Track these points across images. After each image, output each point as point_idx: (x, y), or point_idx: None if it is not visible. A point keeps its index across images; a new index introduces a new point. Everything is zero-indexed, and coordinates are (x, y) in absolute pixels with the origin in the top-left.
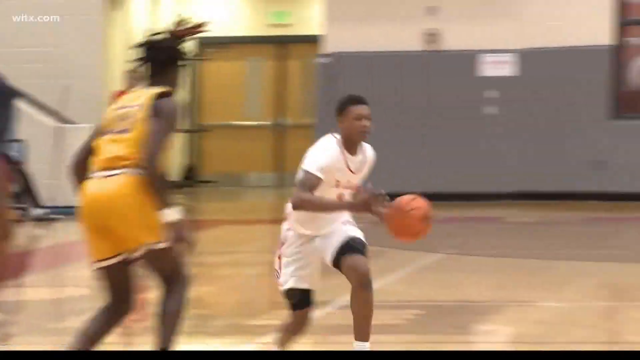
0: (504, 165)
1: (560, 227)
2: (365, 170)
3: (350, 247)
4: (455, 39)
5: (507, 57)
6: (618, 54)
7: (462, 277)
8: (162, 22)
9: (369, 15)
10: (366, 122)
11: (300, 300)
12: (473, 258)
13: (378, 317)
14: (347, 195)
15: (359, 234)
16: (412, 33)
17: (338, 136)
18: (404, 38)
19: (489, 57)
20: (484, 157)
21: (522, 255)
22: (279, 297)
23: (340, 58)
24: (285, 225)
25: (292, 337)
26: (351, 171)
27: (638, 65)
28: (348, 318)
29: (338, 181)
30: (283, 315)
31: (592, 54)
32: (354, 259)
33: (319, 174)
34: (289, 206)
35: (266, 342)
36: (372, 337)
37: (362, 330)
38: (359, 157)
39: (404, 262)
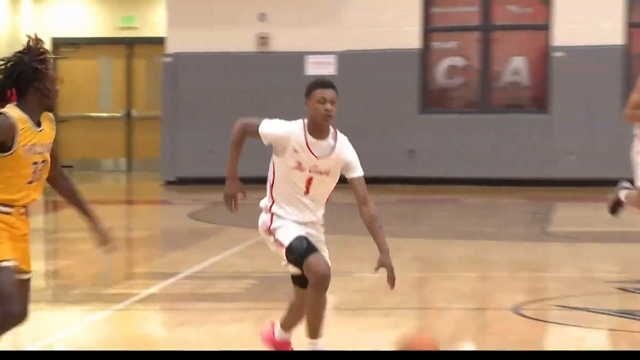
0: None
1: (377, 207)
2: (336, 159)
3: None
4: (283, 42)
5: (329, 58)
6: (426, 56)
7: None
8: (22, 23)
9: (207, 20)
10: (329, 106)
11: (308, 246)
12: None
13: (217, 287)
14: (319, 180)
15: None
16: (246, 36)
17: (305, 120)
18: (238, 40)
19: (312, 58)
20: None
21: (344, 232)
22: (132, 269)
23: (181, 58)
24: (265, 217)
25: (301, 316)
26: (314, 155)
27: (442, 67)
28: (195, 286)
29: (299, 163)
30: (137, 285)
31: (404, 57)
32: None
33: (262, 131)
34: (264, 200)
35: (119, 309)
36: (214, 304)
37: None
38: (325, 143)
39: (241, 238)
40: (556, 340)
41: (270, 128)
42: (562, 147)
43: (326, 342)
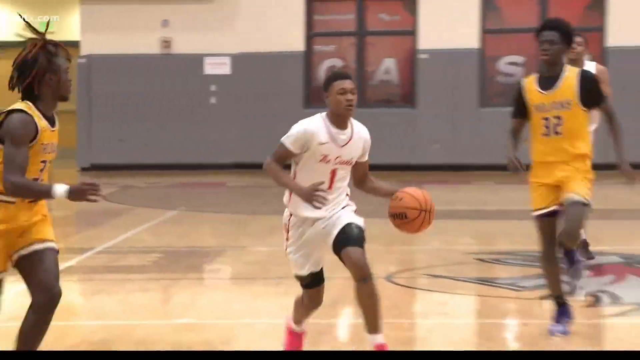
0: (225, 142)
1: (266, 189)
2: (356, 148)
3: (347, 238)
4: (184, 45)
5: (224, 59)
6: (309, 58)
7: (193, 228)
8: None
9: (116, 25)
10: (350, 96)
11: (311, 281)
12: (202, 214)
13: (128, 260)
14: (343, 171)
15: (357, 219)
16: (151, 40)
17: (324, 114)
18: (144, 44)
19: (209, 60)
20: (210, 136)
21: (238, 211)
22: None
23: (93, 59)
24: (286, 212)
25: (308, 312)
26: (337, 145)
27: (323, 68)
28: (108, 260)
29: (325, 155)
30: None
31: (290, 58)
32: (351, 254)
33: (289, 146)
34: (286, 195)
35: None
36: (125, 275)
37: (371, 323)
38: (347, 133)
39: (149, 217)
40: (423, 304)
41: (293, 135)
42: (428, 137)
43: (224, 307)
